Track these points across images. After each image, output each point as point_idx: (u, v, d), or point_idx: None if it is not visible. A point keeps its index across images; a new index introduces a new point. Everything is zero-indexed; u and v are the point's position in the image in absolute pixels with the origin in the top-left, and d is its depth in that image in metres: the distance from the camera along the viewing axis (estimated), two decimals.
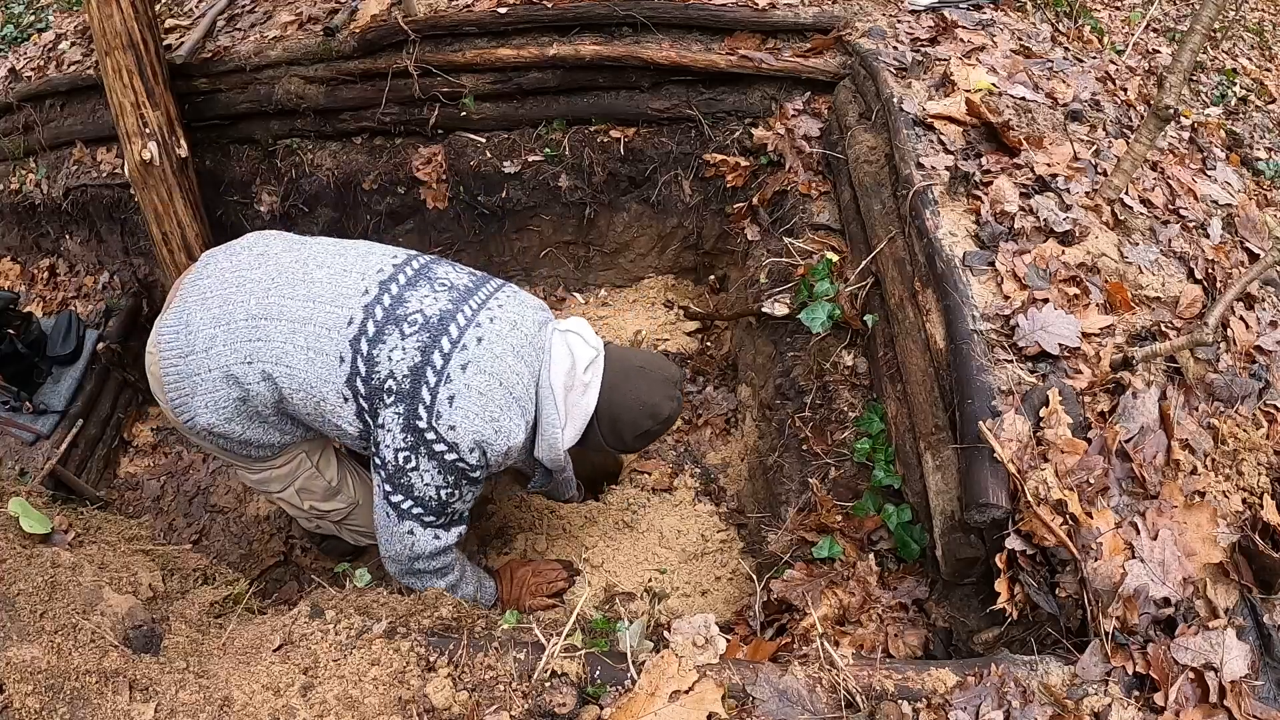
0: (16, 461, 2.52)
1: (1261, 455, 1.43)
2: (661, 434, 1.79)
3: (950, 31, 2.48)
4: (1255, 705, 1.15)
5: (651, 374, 1.70)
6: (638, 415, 1.66)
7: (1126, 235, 1.82)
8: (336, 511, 1.93)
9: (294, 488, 1.82)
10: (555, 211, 2.85)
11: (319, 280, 1.54)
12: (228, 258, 1.63)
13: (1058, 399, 1.40)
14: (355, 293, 1.53)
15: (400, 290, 1.54)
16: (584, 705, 1.17)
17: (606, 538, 2.18)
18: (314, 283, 1.54)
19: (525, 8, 2.57)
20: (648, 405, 1.66)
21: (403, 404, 1.47)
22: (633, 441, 1.72)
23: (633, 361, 1.71)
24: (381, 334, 1.49)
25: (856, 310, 1.94)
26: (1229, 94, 3.42)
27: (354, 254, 1.62)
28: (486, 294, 1.60)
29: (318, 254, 1.60)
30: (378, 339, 1.49)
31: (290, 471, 1.79)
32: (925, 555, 1.55)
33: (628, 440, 1.71)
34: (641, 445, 1.79)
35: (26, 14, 3.81)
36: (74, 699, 1.11)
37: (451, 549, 1.67)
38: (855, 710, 1.15)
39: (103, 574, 1.38)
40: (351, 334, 1.49)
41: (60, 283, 3.28)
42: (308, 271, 1.56)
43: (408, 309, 1.51)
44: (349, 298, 1.52)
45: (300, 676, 1.20)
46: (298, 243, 1.65)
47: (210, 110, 2.80)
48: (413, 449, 1.49)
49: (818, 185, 2.31)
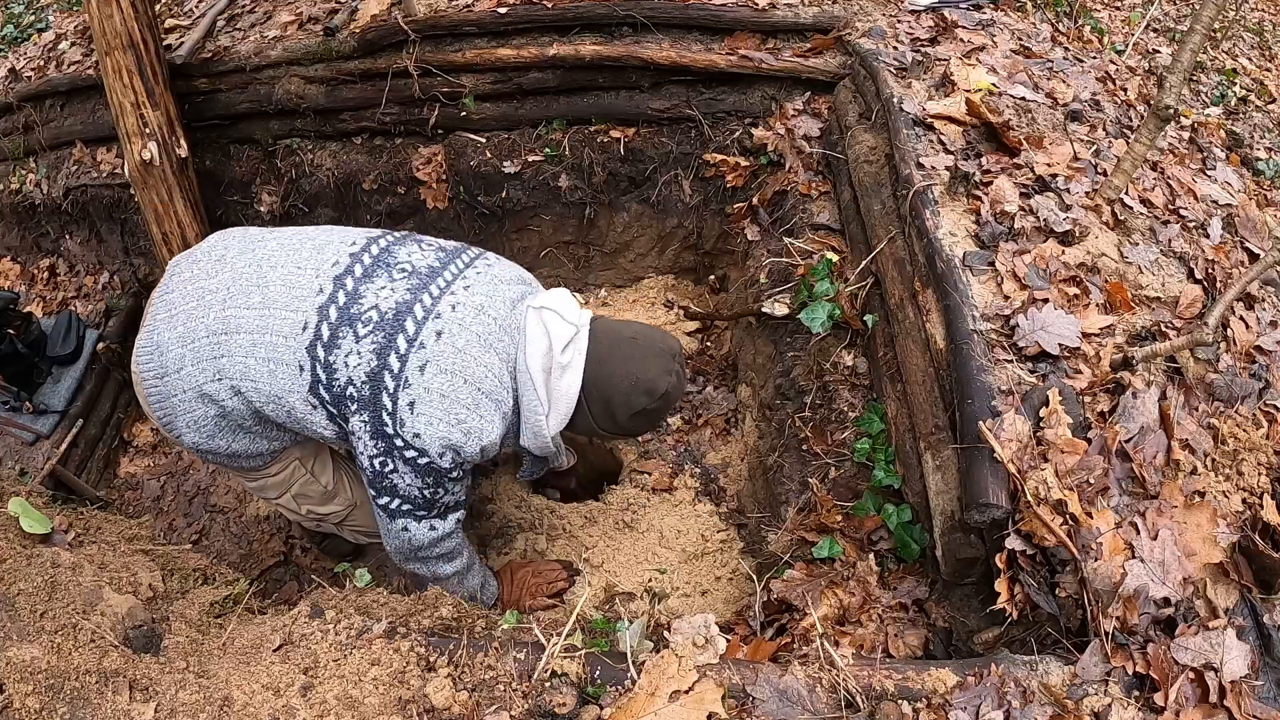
0: (16, 461, 2.52)
1: (1261, 455, 1.43)
2: (663, 414, 1.61)
3: (950, 31, 2.48)
4: (1255, 705, 1.15)
5: (644, 345, 1.54)
6: (630, 392, 1.51)
7: (1126, 235, 1.82)
8: (335, 514, 1.91)
9: (290, 494, 1.81)
10: (555, 211, 2.85)
11: (273, 283, 1.45)
12: (189, 266, 1.55)
13: (1058, 399, 1.40)
14: (309, 293, 1.43)
15: (356, 284, 1.44)
16: (584, 705, 1.16)
17: (606, 538, 2.18)
18: (268, 287, 1.45)
19: (525, 8, 2.57)
20: (641, 380, 1.51)
21: (367, 411, 1.40)
22: (629, 422, 1.57)
23: (623, 333, 1.56)
24: (336, 338, 1.40)
25: (856, 310, 1.94)
26: (1229, 94, 3.42)
27: (309, 248, 1.50)
28: (453, 274, 1.48)
29: (272, 253, 1.50)
30: (333, 344, 1.40)
31: (285, 479, 1.77)
32: (925, 555, 1.55)
33: (622, 421, 1.56)
34: (641, 427, 1.63)
35: (26, 14, 3.81)
36: (74, 699, 1.11)
37: (452, 535, 1.63)
38: (855, 710, 1.15)
39: (103, 574, 1.38)
40: (306, 340, 1.41)
41: (60, 283, 3.28)
42: (262, 275, 1.46)
43: (362, 306, 1.41)
44: (303, 299, 1.43)
45: (300, 676, 1.20)
46: (255, 241, 1.55)
47: (210, 110, 2.80)
48: (386, 454, 1.43)
49: (818, 185, 2.31)
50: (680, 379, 1.58)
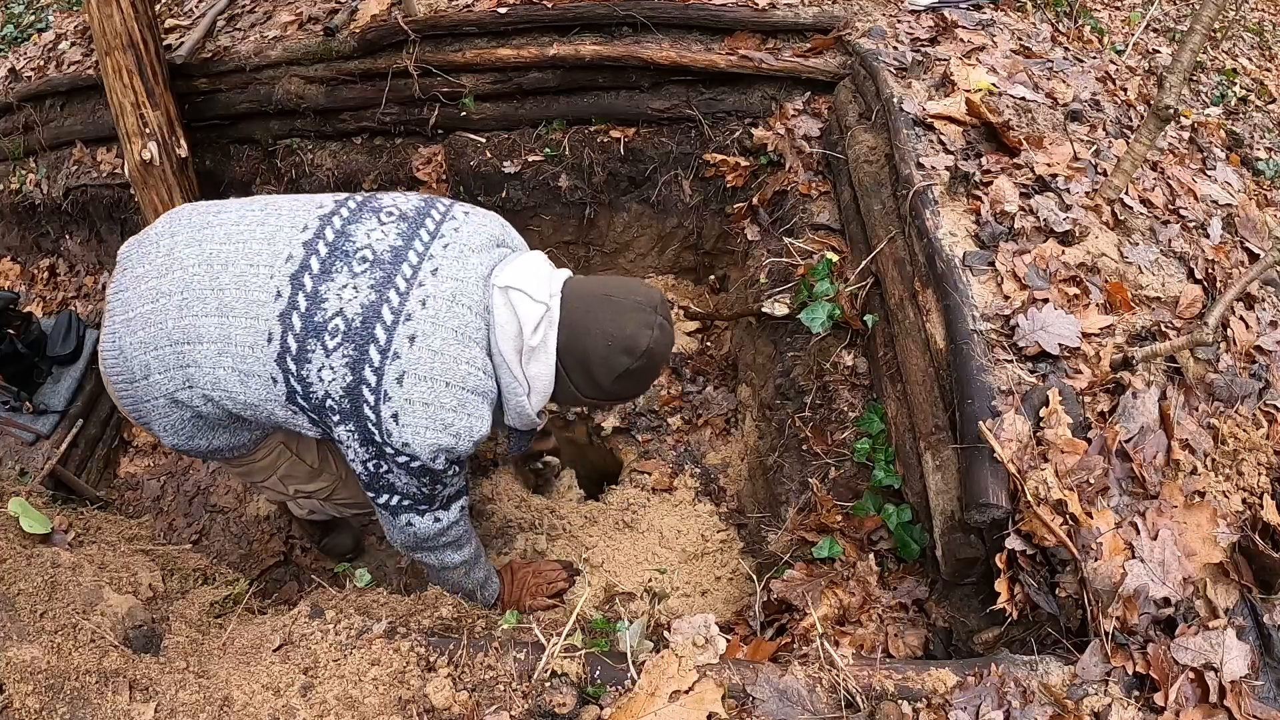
0: (16, 461, 2.52)
1: (1261, 455, 1.44)
2: (651, 371, 1.47)
3: (950, 31, 2.48)
4: (1255, 705, 1.15)
5: (620, 301, 1.42)
6: (609, 353, 1.40)
7: (1126, 235, 1.82)
8: (322, 490, 1.90)
9: (277, 475, 1.80)
10: (555, 211, 2.85)
11: (227, 287, 1.36)
12: (140, 260, 1.46)
13: (1058, 399, 1.40)
14: (267, 297, 1.34)
15: (315, 284, 1.33)
16: (584, 705, 1.16)
17: (606, 538, 2.18)
18: (223, 291, 1.36)
19: (525, 8, 2.57)
20: (618, 339, 1.39)
21: (351, 422, 1.36)
22: (615, 386, 1.45)
23: (596, 291, 1.44)
24: (305, 351, 1.32)
25: (856, 310, 1.94)
26: (1229, 94, 3.42)
27: (260, 237, 1.39)
28: (419, 254, 1.37)
29: (221, 251, 1.39)
30: (303, 358, 1.33)
31: (271, 463, 1.76)
32: (925, 555, 1.55)
33: (608, 386, 1.44)
34: (631, 389, 1.50)
35: (26, 14, 3.81)
36: (74, 699, 1.11)
37: (458, 522, 1.61)
38: (855, 710, 1.15)
39: (103, 574, 1.38)
40: (274, 352, 1.34)
41: (60, 283, 3.28)
42: (214, 276, 1.37)
43: (326, 313, 1.32)
44: (261, 305, 1.34)
45: (300, 676, 1.20)
46: (201, 228, 1.44)
47: (210, 110, 2.80)
48: (378, 457, 1.41)
49: (818, 185, 2.31)
50: (664, 331, 1.45)
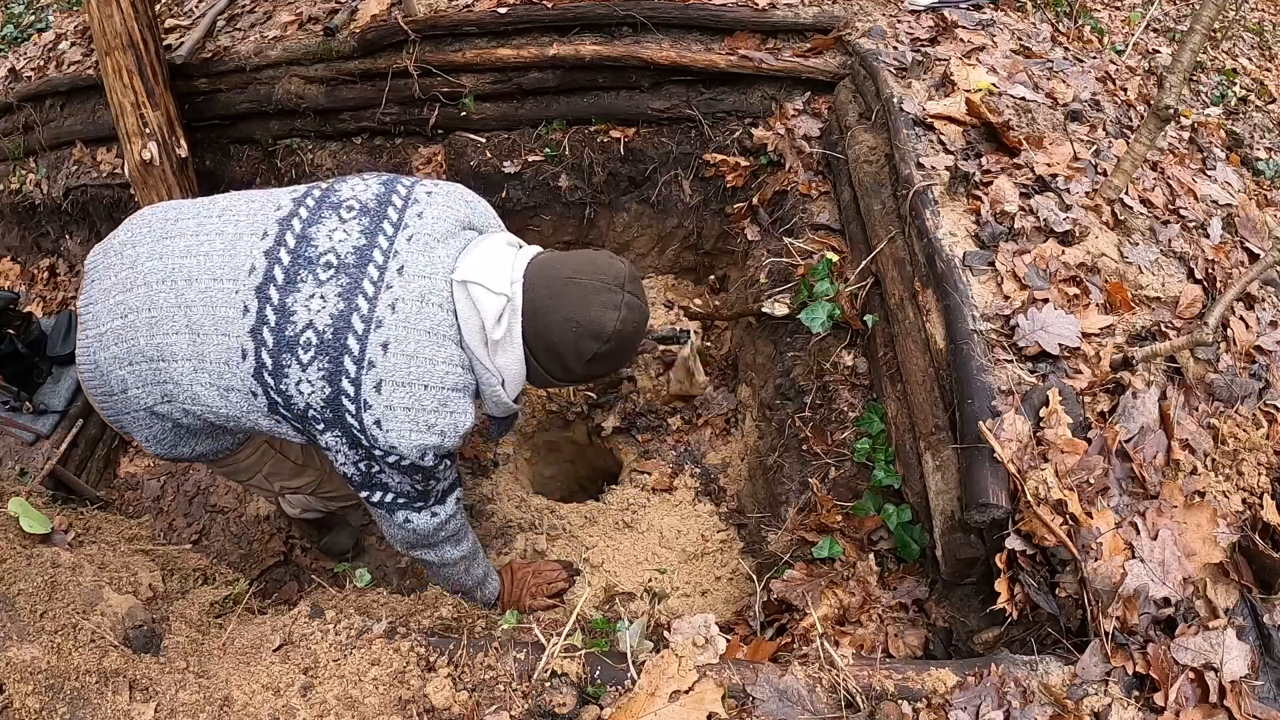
0: (16, 461, 2.52)
1: (1261, 455, 1.44)
2: (624, 352, 1.43)
3: (950, 31, 2.48)
4: (1255, 705, 1.15)
5: (584, 283, 1.36)
6: (577, 339, 1.36)
7: (1126, 235, 1.82)
8: (308, 485, 1.91)
9: (262, 473, 1.81)
10: (555, 211, 2.85)
11: (194, 305, 1.35)
12: (105, 271, 1.45)
13: (1058, 399, 1.40)
14: (235, 313, 1.33)
15: (282, 297, 1.31)
16: (584, 705, 1.17)
17: (606, 538, 2.18)
18: (190, 309, 1.35)
19: (525, 8, 2.57)
20: (582, 325, 1.35)
21: (337, 428, 1.36)
22: (587, 369, 1.42)
23: (560, 274, 1.38)
24: (281, 366, 1.32)
25: (856, 310, 1.94)
26: (1229, 94, 3.42)
27: (219, 250, 1.37)
28: (384, 251, 1.33)
29: (184, 265, 1.37)
30: (279, 372, 1.32)
31: (255, 462, 1.77)
32: (925, 555, 1.55)
33: (579, 370, 1.42)
34: (605, 370, 1.47)
35: (26, 14, 3.82)
36: (74, 699, 1.11)
37: (455, 516, 1.61)
38: (855, 710, 1.15)
39: (103, 574, 1.39)
40: (250, 368, 1.34)
41: (60, 283, 3.28)
42: (179, 294, 1.36)
43: (296, 326, 1.30)
44: (230, 322, 1.33)
45: (300, 676, 1.20)
46: (163, 240, 1.42)
47: (210, 110, 2.80)
48: (368, 459, 1.41)
49: (818, 185, 2.31)
50: (632, 309, 1.38)
